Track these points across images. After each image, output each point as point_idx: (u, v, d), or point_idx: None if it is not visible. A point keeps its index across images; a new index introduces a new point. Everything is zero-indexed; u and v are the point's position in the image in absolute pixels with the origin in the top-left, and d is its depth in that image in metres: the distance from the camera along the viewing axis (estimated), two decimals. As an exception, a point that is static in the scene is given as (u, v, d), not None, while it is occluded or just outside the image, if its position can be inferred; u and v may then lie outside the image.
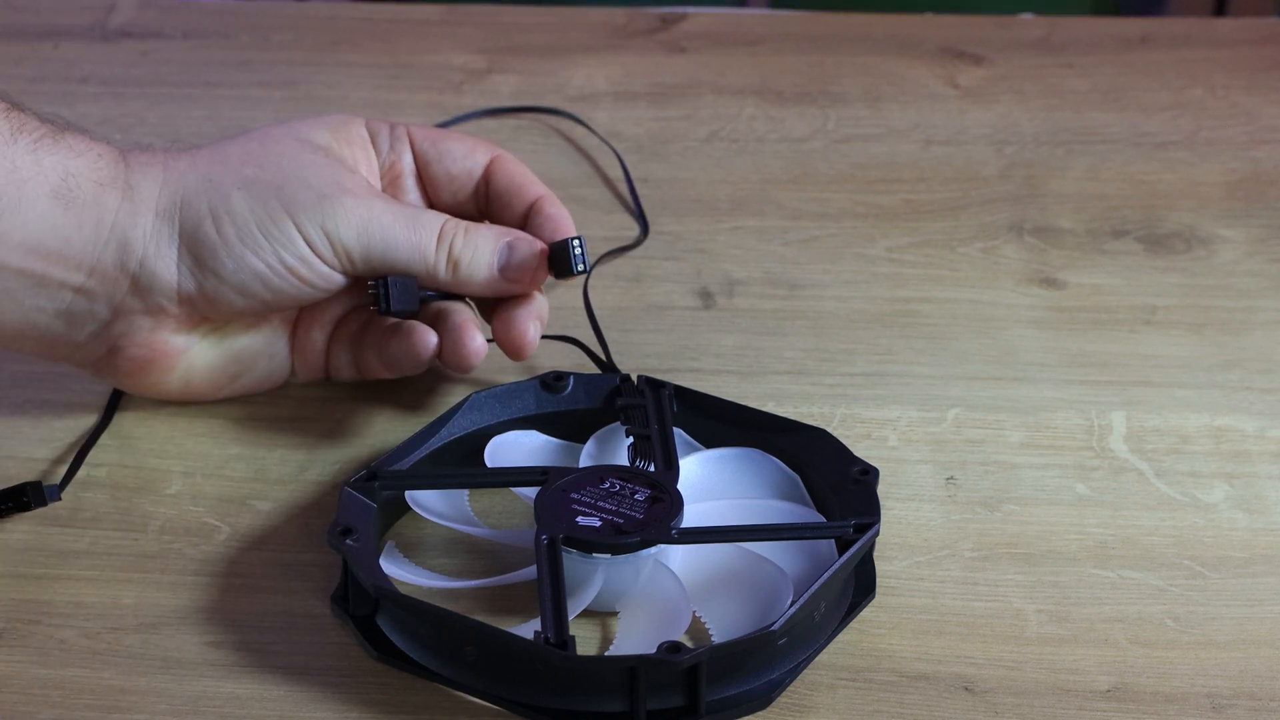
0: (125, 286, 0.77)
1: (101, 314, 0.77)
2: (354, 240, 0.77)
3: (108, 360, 0.79)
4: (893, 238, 0.96)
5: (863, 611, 0.71)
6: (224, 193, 0.77)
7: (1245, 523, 0.76)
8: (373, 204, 0.78)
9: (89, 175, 0.76)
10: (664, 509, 0.71)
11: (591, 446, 0.77)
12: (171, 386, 0.81)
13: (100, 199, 0.76)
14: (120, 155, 0.78)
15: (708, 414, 0.78)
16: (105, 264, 0.76)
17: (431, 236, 0.78)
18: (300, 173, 0.78)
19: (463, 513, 0.75)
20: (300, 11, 1.19)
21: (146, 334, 0.78)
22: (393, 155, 0.83)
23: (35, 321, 0.77)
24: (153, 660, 0.69)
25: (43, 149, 0.75)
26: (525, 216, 0.83)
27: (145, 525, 0.76)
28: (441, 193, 0.84)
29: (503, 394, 0.79)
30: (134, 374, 0.79)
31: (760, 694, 0.67)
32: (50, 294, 0.76)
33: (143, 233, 0.76)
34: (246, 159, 0.78)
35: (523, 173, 0.84)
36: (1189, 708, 0.67)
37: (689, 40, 1.15)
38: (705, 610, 0.70)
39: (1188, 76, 1.11)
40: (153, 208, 0.77)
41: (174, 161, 0.78)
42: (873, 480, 0.73)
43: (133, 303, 0.77)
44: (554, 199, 0.83)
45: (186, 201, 0.77)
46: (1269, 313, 0.90)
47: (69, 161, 0.76)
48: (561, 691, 0.66)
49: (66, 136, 0.76)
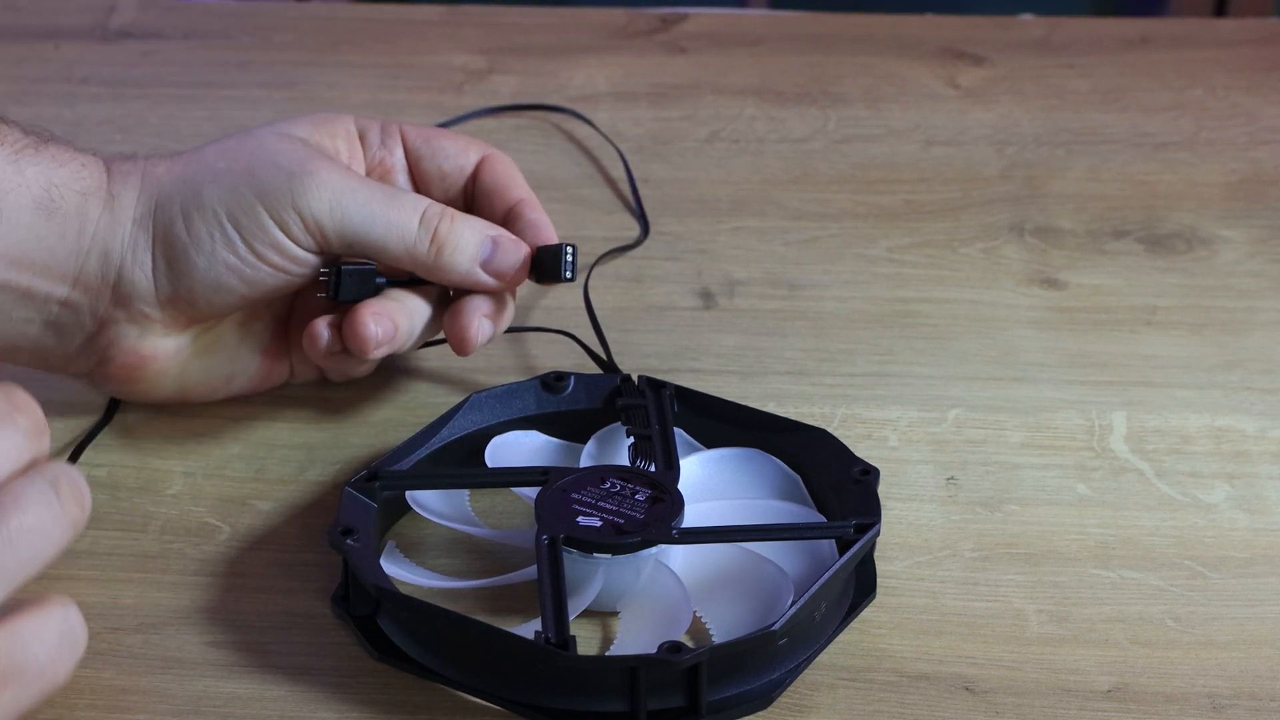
0: (107, 297, 0.77)
1: (88, 325, 0.77)
2: (326, 214, 0.76)
3: (100, 370, 0.79)
4: (893, 238, 0.96)
5: (863, 611, 0.71)
6: (195, 189, 0.76)
7: (1246, 523, 0.76)
8: (346, 178, 0.77)
9: (72, 185, 0.76)
10: (664, 509, 0.71)
11: (592, 446, 0.77)
12: (167, 391, 0.80)
13: (83, 209, 0.76)
14: (104, 165, 0.78)
15: (708, 414, 0.78)
16: (88, 275, 0.76)
17: (413, 215, 0.77)
18: (272, 158, 0.77)
19: (463, 513, 0.75)
20: (301, 12, 1.19)
21: (134, 341, 0.78)
22: (383, 151, 0.83)
23: (25, 333, 0.77)
24: (153, 660, 0.69)
25: (25, 159, 0.75)
26: (505, 217, 0.82)
27: (146, 525, 0.76)
28: (433, 189, 0.83)
29: (503, 394, 0.79)
30: (127, 381, 0.79)
31: (760, 694, 0.67)
32: (37, 307, 0.76)
33: (121, 242, 0.76)
34: (221, 154, 0.78)
35: (510, 173, 0.83)
36: (1189, 708, 0.67)
37: (689, 40, 1.15)
38: (706, 610, 0.70)
39: (1188, 77, 1.11)
40: (131, 215, 0.77)
41: (152, 168, 0.78)
42: (873, 480, 0.73)
43: (116, 312, 0.77)
44: (536, 204, 0.82)
45: (160, 205, 0.77)
46: (1269, 313, 0.90)
47: (52, 172, 0.75)
48: (562, 691, 0.66)
49: (49, 147, 0.76)
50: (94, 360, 0.78)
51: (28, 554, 0.59)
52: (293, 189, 0.76)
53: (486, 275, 0.78)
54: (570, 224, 0.96)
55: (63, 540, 0.61)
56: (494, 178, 0.83)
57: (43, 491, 0.60)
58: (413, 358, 0.86)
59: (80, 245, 0.76)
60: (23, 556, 0.59)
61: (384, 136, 0.83)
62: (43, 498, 0.60)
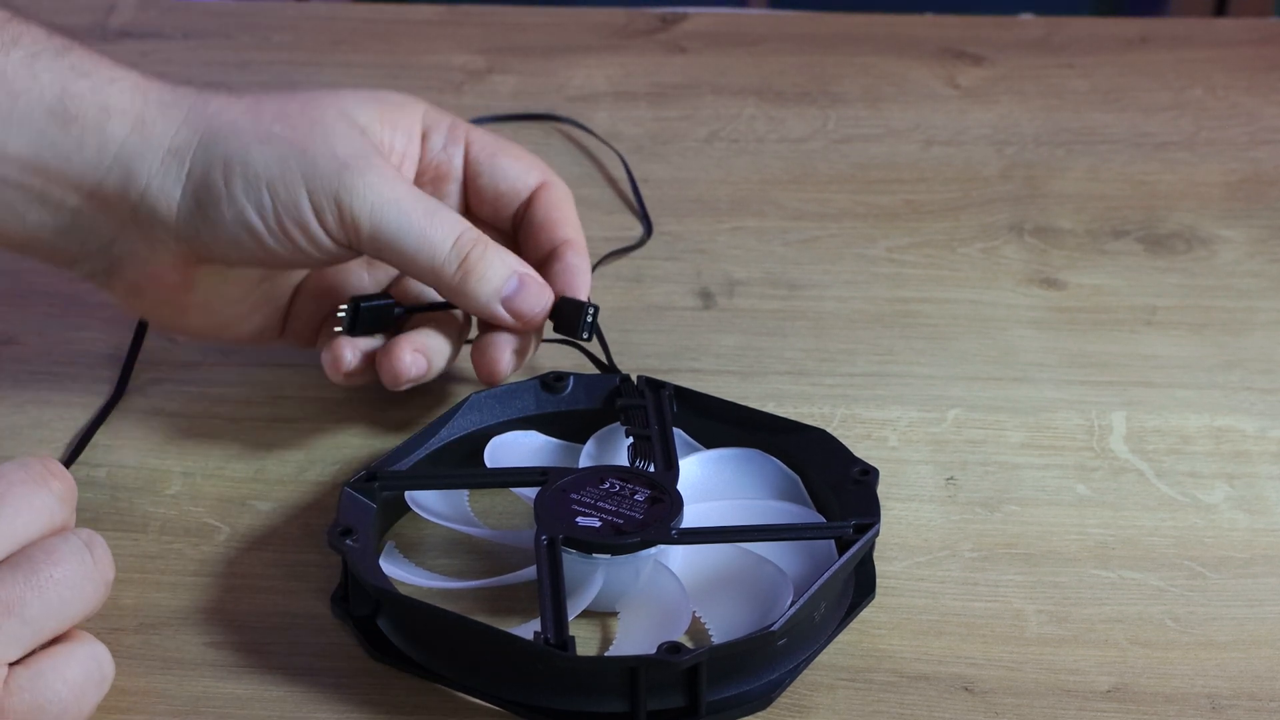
0: (125, 215, 0.76)
1: (103, 235, 0.77)
2: (366, 215, 0.75)
3: (107, 279, 0.79)
4: (893, 238, 0.96)
5: (863, 612, 0.71)
6: (245, 143, 0.76)
7: (1246, 523, 0.76)
8: (396, 184, 0.76)
9: (93, 99, 0.75)
10: (664, 509, 0.71)
11: (591, 447, 0.77)
12: (165, 318, 0.80)
13: (104, 125, 0.75)
14: (140, 86, 0.77)
15: (708, 414, 0.78)
16: (107, 190, 0.76)
17: (448, 235, 0.76)
18: (329, 141, 0.76)
19: (463, 513, 0.75)
20: (300, 12, 1.19)
21: (142, 261, 0.77)
22: (443, 155, 0.82)
23: (39, 235, 0.77)
24: (153, 661, 0.69)
25: (40, 63, 0.75)
26: (547, 255, 0.81)
27: (145, 526, 0.76)
28: (485, 206, 0.82)
29: (502, 394, 0.79)
30: (129, 295, 0.79)
31: (760, 694, 0.67)
32: (51, 211, 0.76)
33: (149, 167, 0.76)
34: (279, 117, 0.77)
35: (564, 209, 0.82)
36: (1189, 708, 0.67)
37: (689, 40, 1.15)
38: (705, 610, 0.70)
39: (1188, 77, 1.11)
40: (166, 144, 0.76)
41: (204, 104, 0.77)
42: (873, 480, 0.73)
43: (131, 231, 0.77)
44: (582, 248, 0.81)
45: (204, 145, 0.76)
46: (1269, 313, 0.90)
47: (70, 81, 0.75)
48: (561, 692, 0.66)
49: (72, 54, 0.76)
50: (103, 266, 0.78)
51: (57, 604, 0.62)
52: (340, 180, 0.75)
53: (505, 312, 0.78)
54: (570, 224, 0.96)
55: (94, 598, 0.63)
56: (546, 211, 0.82)
57: (76, 549, 0.63)
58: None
59: (101, 160, 0.75)
60: (52, 606, 0.61)
61: (449, 140, 0.82)
62: (76, 554, 0.63)
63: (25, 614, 0.61)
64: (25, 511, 0.62)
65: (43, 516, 0.63)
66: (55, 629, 0.62)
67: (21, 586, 0.61)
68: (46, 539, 0.62)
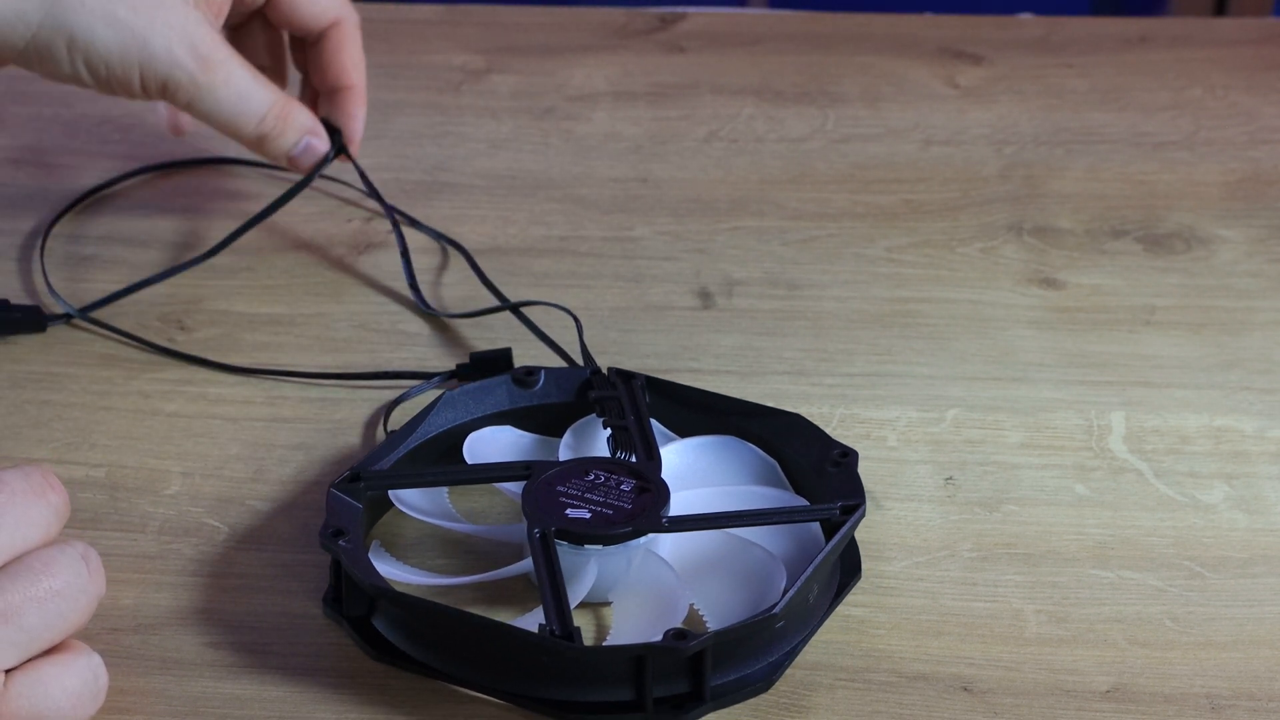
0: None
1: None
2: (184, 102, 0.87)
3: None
4: (892, 238, 0.96)
5: (862, 612, 0.71)
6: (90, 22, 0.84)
7: (1245, 523, 0.76)
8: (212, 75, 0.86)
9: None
10: (652, 498, 0.71)
11: (569, 438, 0.78)
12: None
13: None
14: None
15: (680, 402, 0.78)
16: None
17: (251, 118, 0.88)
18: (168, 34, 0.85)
19: (444, 509, 0.75)
20: (300, 11, 1.19)
21: None
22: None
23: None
24: (151, 661, 0.69)
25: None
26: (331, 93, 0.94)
27: (144, 526, 0.76)
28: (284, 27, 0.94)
29: (475, 391, 0.79)
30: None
31: (761, 678, 0.67)
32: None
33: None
34: None
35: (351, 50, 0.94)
36: (1188, 708, 0.67)
37: (688, 40, 1.15)
38: (698, 596, 0.70)
39: (1187, 76, 1.11)
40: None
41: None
42: (853, 462, 0.73)
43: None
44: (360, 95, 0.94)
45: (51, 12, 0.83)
46: (1268, 313, 0.90)
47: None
48: (566, 683, 0.66)
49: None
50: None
51: (54, 615, 0.62)
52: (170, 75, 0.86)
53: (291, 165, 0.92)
54: (570, 223, 0.96)
55: (88, 609, 0.64)
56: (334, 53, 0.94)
57: (73, 560, 0.63)
58: (412, 358, 0.86)
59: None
60: (49, 617, 0.62)
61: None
62: (72, 566, 0.63)
63: (23, 623, 0.61)
64: (25, 523, 0.63)
65: (40, 528, 0.63)
66: (50, 640, 0.62)
67: (20, 596, 0.61)
68: (44, 549, 0.63)
